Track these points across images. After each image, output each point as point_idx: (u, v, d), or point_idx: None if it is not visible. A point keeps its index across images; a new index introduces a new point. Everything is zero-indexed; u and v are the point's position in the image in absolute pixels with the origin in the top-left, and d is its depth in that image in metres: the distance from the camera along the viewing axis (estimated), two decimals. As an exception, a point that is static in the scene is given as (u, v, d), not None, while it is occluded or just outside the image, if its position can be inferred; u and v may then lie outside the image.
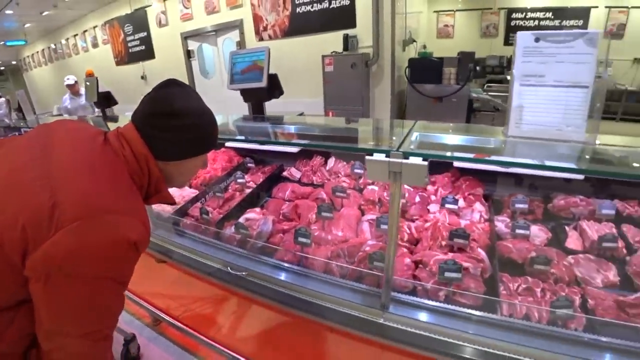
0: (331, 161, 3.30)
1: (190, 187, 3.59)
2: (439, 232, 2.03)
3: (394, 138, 1.99)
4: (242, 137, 2.67)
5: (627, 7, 9.25)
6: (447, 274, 1.74)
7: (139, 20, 9.09)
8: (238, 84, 3.55)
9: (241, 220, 2.72)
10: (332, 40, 5.89)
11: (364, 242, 2.16)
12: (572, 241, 2.28)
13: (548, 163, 1.44)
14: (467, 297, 1.79)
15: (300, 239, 2.26)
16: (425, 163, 1.38)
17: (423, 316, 1.79)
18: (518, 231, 2.18)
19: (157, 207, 3.05)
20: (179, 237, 2.84)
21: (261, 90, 3.43)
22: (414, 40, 6.49)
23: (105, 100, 4.29)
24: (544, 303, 1.83)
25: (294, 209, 2.77)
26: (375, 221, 2.19)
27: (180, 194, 3.37)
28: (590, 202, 2.52)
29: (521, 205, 2.39)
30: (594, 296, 1.87)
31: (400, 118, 6.03)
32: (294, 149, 3.39)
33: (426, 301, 1.82)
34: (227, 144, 3.97)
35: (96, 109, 5.13)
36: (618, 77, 8.39)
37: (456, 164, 2.55)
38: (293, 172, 3.41)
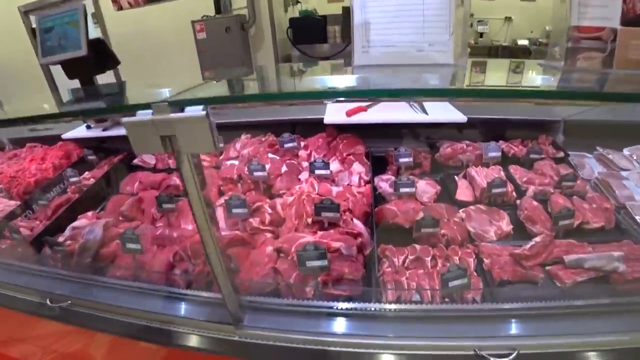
0: (191, 138, 2.65)
1: (11, 198, 2.67)
2: (303, 207, 1.55)
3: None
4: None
5: (497, -31, 9.97)
6: (309, 263, 1.27)
7: (-49, -6, 7.07)
8: (51, 57, 2.67)
9: (67, 231, 2.01)
10: (201, 3, 5.06)
11: (213, 235, 1.60)
12: (462, 192, 2.00)
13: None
14: (341, 287, 1.35)
15: (129, 246, 1.64)
16: (203, 113, 0.86)
17: (287, 322, 1.31)
18: (403, 190, 1.81)
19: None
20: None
21: (83, 60, 2.60)
22: (298, 2, 5.94)
23: None
24: (436, 274, 1.48)
25: (137, 205, 2.10)
26: (227, 205, 1.64)
27: (-8, 209, 2.45)
28: (476, 146, 2.28)
29: (405, 159, 2.03)
30: (489, 253, 1.58)
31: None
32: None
33: (290, 302, 1.35)
34: (64, 135, 3.09)
35: None
36: (493, 34, 8.91)
37: (327, 120, 2.10)
38: (146, 157, 2.69)
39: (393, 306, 1.34)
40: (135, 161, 2.75)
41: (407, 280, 1.44)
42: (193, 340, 1.44)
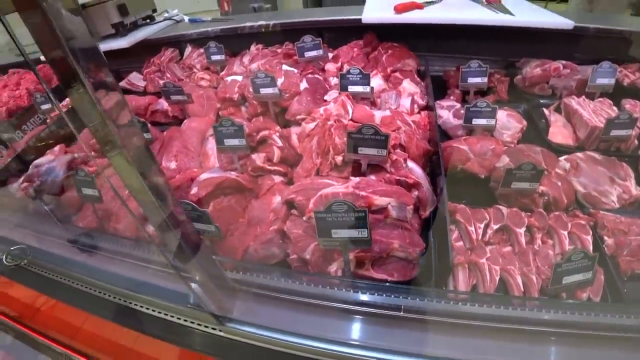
0: (187, 51, 2.07)
1: None
2: (330, 138, 0.99)
3: None
4: None
5: None
6: (335, 233, 0.74)
7: None
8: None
9: (30, 169, 1.58)
10: None
11: (196, 177, 1.09)
12: (559, 131, 1.40)
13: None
14: (387, 268, 0.84)
15: (85, 191, 1.17)
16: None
17: (297, 319, 0.83)
18: (477, 121, 1.22)
19: None
20: None
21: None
22: None
23: None
24: (533, 254, 0.94)
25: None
26: (216, 133, 1.10)
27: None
28: (576, 68, 1.61)
29: (477, 79, 1.41)
30: (612, 229, 1.01)
31: (317, 6, 4.66)
32: (123, 42, 2.06)
33: (303, 288, 0.84)
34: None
35: None
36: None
37: (366, 18, 1.42)
38: (134, 80, 2.15)
39: (465, 307, 0.81)
40: (122, 84, 2.22)
41: (488, 264, 0.90)
42: (161, 327, 1.00)
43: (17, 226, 1.48)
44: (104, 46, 2.24)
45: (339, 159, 0.95)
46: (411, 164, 0.97)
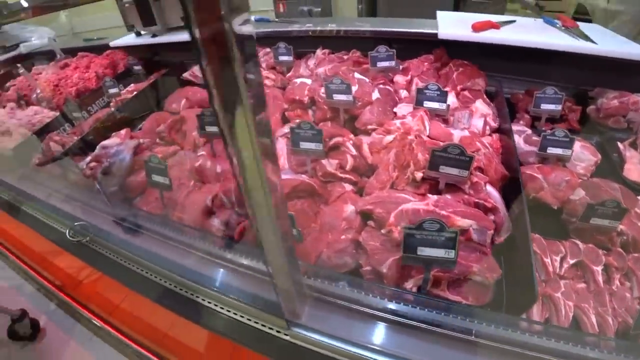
0: (251, 50, 2.12)
1: (53, 108, 2.43)
2: (411, 153, 1.00)
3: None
4: None
5: None
6: (422, 250, 0.75)
7: None
8: None
9: (97, 150, 1.67)
10: None
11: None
12: (634, 168, 1.34)
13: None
14: (461, 290, 0.83)
15: (154, 178, 1.22)
16: None
17: (365, 332, 0.84)
18: (552, 150, 1.19)
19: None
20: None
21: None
22: None
23: None
24: (609, 294, 0.91)
25: (177, 126, 1.67)
26: (292, 135, 1.13)
27: (30, 120, 2.20)
28: (655, 102, 1.54)
29: (551, 106, 1.37)
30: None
31: (372, 15, 4.67)
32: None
33: (377, 302, 0.85)
34: (112, 43, 2.72)
35: None
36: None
37: (442, 33, 1.42)
38: (198, 71, 2.22)
39: (538, 339, 0.80)
40: (186, 75, 2.32)
41: (562, 299, 0.88)
42: (224, 324, 1.03)
43: (82, 203, 1.56)
44: (173, 37, 2.35)
45: (418, 175, 0.96)
46: (489, 188, 0.97)
